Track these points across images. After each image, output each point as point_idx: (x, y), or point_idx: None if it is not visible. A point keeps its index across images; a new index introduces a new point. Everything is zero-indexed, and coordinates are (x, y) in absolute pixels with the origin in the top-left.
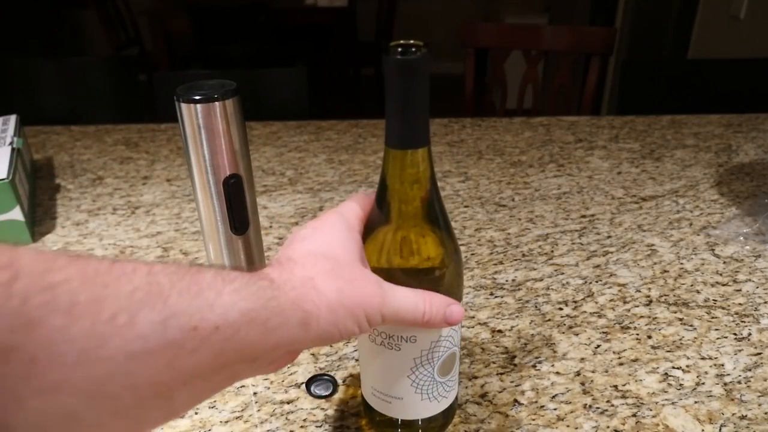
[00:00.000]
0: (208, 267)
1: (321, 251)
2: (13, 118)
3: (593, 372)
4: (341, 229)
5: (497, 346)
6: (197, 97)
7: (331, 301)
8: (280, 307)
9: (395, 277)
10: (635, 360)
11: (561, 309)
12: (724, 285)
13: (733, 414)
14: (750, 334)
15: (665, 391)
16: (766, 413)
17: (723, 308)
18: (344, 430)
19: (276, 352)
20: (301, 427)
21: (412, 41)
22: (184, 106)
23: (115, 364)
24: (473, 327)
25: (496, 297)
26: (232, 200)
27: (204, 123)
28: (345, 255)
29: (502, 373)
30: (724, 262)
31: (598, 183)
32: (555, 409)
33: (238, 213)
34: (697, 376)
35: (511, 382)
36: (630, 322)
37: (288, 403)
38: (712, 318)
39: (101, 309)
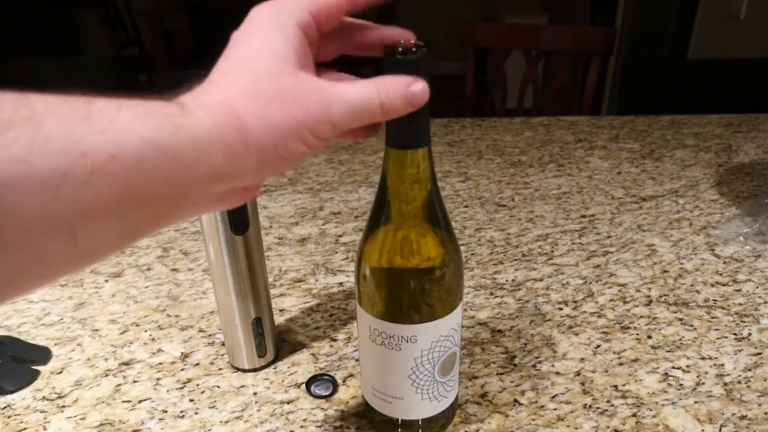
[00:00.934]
0: (100, 97)
1: (239, 63)
2: None
3: (593, 372)
4: (269, 26)
5: (497, 346)
6: None
7: (260, 126)
8: (195, 138)
9: (396, 277)
10: (635, 360)
11: (561, 309)
12: (724, 285)
13: (733, 414)
14: (750, 334)
15: (665, 391)
16: (766, 413)
17: (723, 308)
18: (344, 430)
19: (210, 188)
20: (301, 427)
21: (412, 41)
22: None
23: None
24: (473, 327)
25: (496, 297)
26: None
27: None
28: (270, 63)
29: (502, 373)
30: (724, 262)
31: (598, 183)
32: (555, 409)
33: (238, 213)
34: (697, 376)
35: (511, 382)
36: (630, 322)
37: (288, 403)
38: (712, 318)
39: None
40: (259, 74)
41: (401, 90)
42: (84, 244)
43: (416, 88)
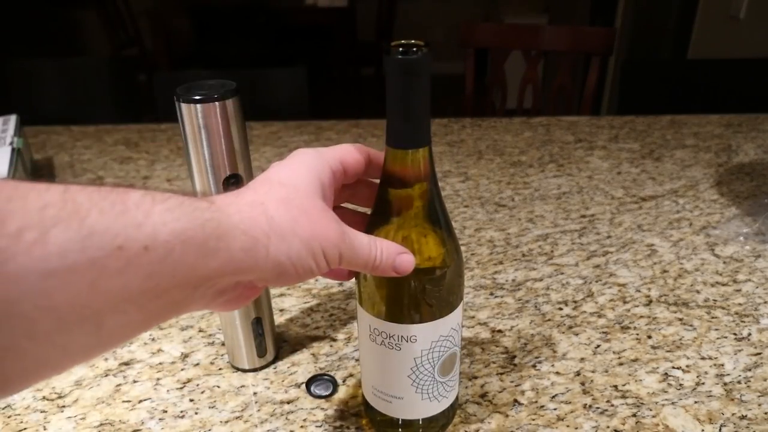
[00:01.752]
0: (136, 189)
1: (278, 178)
2: (13, 118)
3: (593, 372)
4: (310, 161)
5: (497, 346)
6: (197, 97)
7: (284, 230)
8: (221, 229)
9: (396, 277)
10: (635, 360)
11: (561, 309)
12: (724, 285)
13: (733, 414)
14: (750, 334)
15: (665, 391)
16: (766, 413)
17: (723, 308)
18: (344, 430)
19: (221, 281)
20: (301, 427)
21: (413, 41)
22: (184, 106)
23: (27, 283)
24: (473, 327)
25: (496, 297)
26: None
27: (204, 123)
28: (305, 186)
29: (502, 373)
30: (724, 262)
31: (598, 183)
32: (555, 409)
33: None
34: (697, 376)
35: (511, 382)
36: (630, 322)
37: (288, 403)
38: (712, 318)
39: (3, 223)
40: (295, 189)
41: (392, 256)
42: (106, 334)
43: (403, 258)
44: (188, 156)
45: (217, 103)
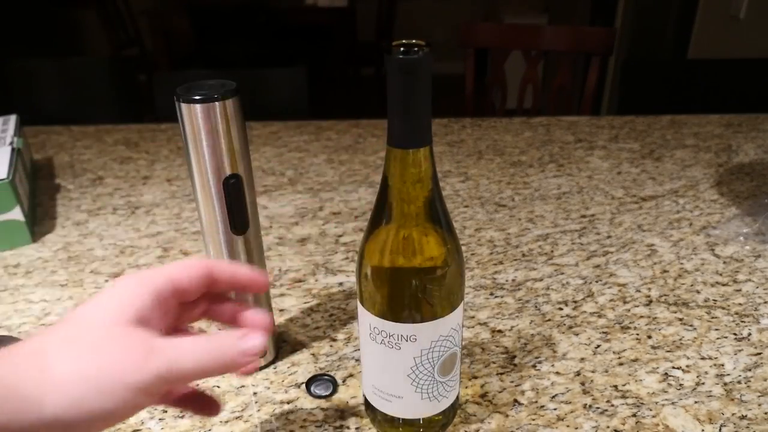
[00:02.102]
0: None
1: (72, 316)
2: (13, 118)
3: (593, 372)
4: (121, 288)
5: (497, 346)
6: (197, 97)
7: (64, 378)
8: None
9: (397, 276)
10: (635, 360)
11: (561, 309)
12: (724, 285)
13: (733, 414)
14: (750, 334)
15: (665, 391)
16: (766, 413)
17: (723, 308)
18: (344, 430)
19: None
20: (301, 427)
21: (414, 41)
22: (184, 106)
23: None
24: (473, 327)
25: (496, 297)
26: (232, 200)
27: (204, 123)
28: (105, 316)
29: (502, 373)
30: (724, 262)
31: (598, 183)
32: (555, 409)
33: (238, 213)
34: (697, 376)
35: (511, 382)
36: (630, 322)
37: (288, 403)
38: (712, 318)
39: None
40: (91, 325)
41: (234, 343)
42: None
43: (247, 339)
44: (188, 156)
45: (217, 103)
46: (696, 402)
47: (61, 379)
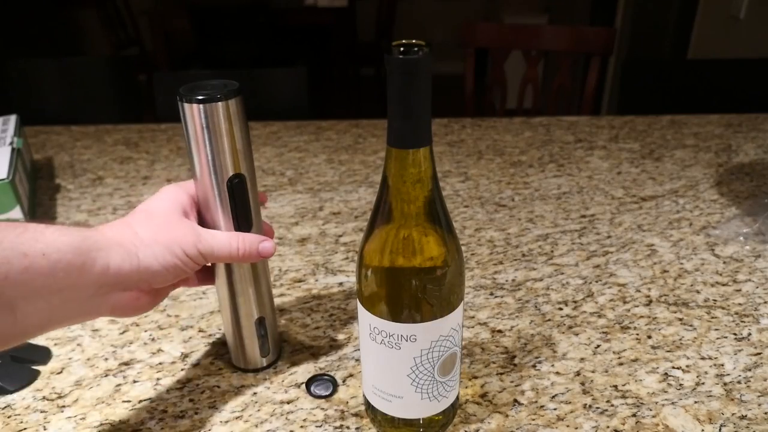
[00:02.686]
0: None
1: (142, 207)
2: (13, 118)
3: (593, 372)
4: (169, 191)
5: (497, 346)
6: (200, 98)
7: (147, 240)
8: (100, 243)
9: (397, 276)
10: (635, 360)
11: (561, 309)
12: (724, 285)
13: (733, 414)
14: (750, 334)
15: (665, 391)
16: (766, 413)
17: (723, 308)
18: (344, 430)
19: (107, 281)
20: (301, 427)
21: (414, 41)
22: (186, 106)
23: None
24: (473, 327)
25: (496, 297)
26: (236, 200)
27: (207, 123)
28: (164, 208)
29: (502, 373)
30: (724, 262)
31: (598, 183)
32: (555, 409)
33: (242, 212)
34: (697, 376)
35: (511, 382)
36: (630, 322)
37: (288, 403)
38: (712, 318)
39: None
40: (155, 211)
41: (255, 244)
42: (20, 320)
43: (265, 245)
44: (191, 156)
45: (219, 103)
46: (696, 402)
47: (147, 241)
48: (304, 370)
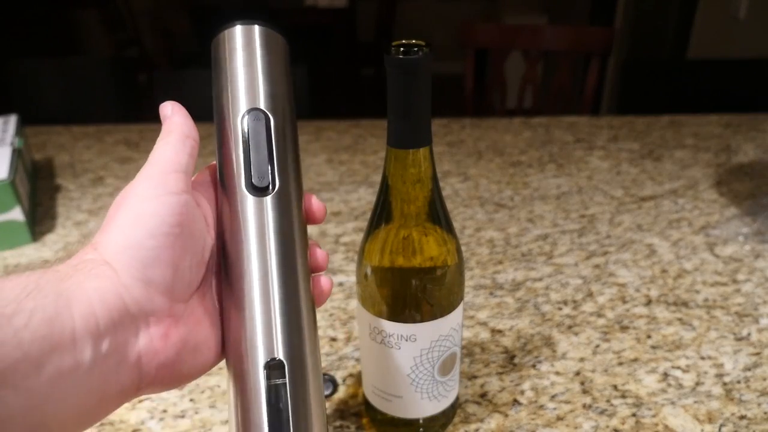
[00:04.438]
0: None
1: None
2: (13, 118)
3: (593, 372)
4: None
5: (497, 346)
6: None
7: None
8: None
9: (397, 276)
10: (635, 360)
11: (560, 309)
12: (723, 285)
13: (733, 414)
14: (749, 334)
15: (665, 391)
16: (765, 413)
17: (722, 308)
18: (344, 429)
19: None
20: None
21: (414, 41)
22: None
23: None
24: (473, 327)
25: (495, 297)
26: (250, 142)
27: (237, 45)
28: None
29: (501, 373)
30: (724, 262)
31: (597, 183)
32: (555, 409)
33: (258, 161)
34: (697, 376)
35: (511, 381)
36: (629, 322)
37: None
38: (712, 318)
39: None
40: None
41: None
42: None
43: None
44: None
45: (257, 26)
46: (695, 402)
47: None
48: None
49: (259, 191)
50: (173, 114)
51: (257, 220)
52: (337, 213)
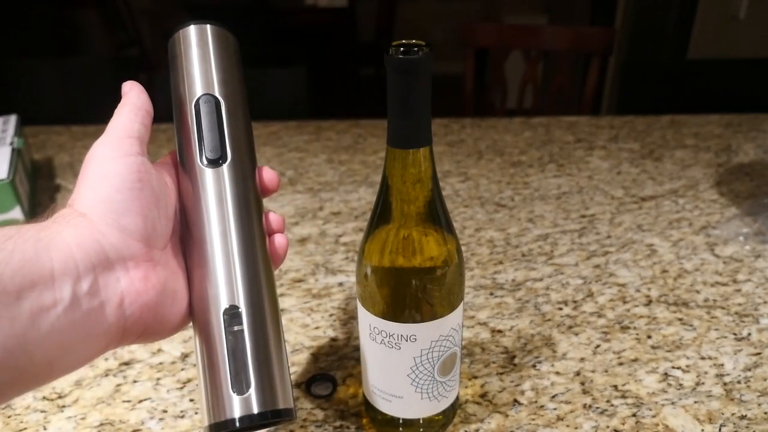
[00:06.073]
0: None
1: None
2: (13, 118)
3: (593, 372)
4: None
5: (497, 346)
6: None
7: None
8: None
9: (397, 276)
10: (635, 360)
11: (561, 309)
12: (723, 285)
13: (733, 414)
14: (750, 334)
15: (665, 391)
16: (765, 413)
17: (723, 308)
18: (344, 429)
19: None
20: (301, 426)
21: (414, 41)
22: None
23: None
24: (473, 327)
25: (496, 297)
26: (204, 120)
27: (191, 42)
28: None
29: (502, 373)
30: (724, 262)
31: (597, 183)
32: (555, 409)
33: (211, 137)
34: (697, 376)
35: (511, 382)
36: (630, 322)
37: None
38: (712, 318)
39: None
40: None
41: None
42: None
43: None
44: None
45: (192, 27)
46: (696, 402)
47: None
48: (304, 370)
49: (212, 163)
50: (129, 90)
51: (214, 188)
52: (337, 213)
